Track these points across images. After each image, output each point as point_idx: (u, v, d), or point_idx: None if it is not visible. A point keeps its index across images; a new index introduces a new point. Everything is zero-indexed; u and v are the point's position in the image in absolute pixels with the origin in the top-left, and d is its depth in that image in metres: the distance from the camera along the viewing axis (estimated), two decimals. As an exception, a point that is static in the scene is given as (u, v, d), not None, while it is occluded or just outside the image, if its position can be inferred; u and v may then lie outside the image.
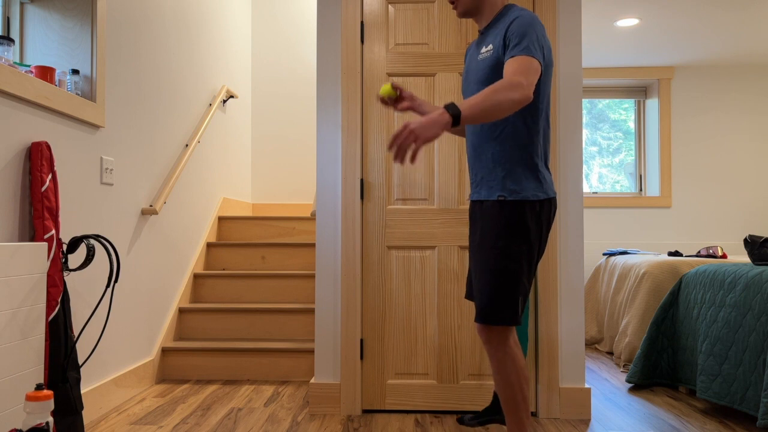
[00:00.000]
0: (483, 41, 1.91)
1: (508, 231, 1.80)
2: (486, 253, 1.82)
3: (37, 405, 1.72)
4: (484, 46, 1.89)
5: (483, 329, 1.85)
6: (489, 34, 1.89)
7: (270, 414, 2.61)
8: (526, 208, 1.80)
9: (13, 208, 2.04)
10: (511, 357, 1.83)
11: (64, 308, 2.10)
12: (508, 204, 1.81)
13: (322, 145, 2.68)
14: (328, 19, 2.69)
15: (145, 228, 3.05)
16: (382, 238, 2.66)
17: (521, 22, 1.77)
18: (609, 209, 5.08)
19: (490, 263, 1.81)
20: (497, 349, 1.83)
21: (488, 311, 1.80)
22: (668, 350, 3.03)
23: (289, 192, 5.07)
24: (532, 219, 1.81)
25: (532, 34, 1.74)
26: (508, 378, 1.83)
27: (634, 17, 4.02)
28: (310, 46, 5.09)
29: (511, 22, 1.80)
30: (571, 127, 2.62)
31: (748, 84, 5.10)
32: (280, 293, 3.71)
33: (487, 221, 1.84)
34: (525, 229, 1.80)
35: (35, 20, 2.50)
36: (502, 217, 1.81)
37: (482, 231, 1.85)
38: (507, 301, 1.79)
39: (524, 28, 1.75)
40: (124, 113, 2.82)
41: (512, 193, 1.81)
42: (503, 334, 1.83)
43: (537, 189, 1.82)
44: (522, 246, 1.80)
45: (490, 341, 1.83)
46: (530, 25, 1.76)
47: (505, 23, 1.82)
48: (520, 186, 1.81)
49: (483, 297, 1.82)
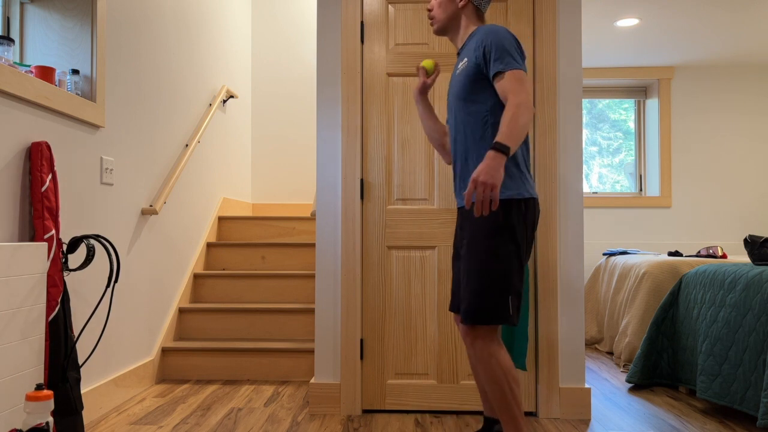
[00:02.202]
0: (460, 59, 2.00)
1: (497, 230, 1.83)
2: (475, 254, 1.85)
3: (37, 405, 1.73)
4: (460, 62, 1.97)
5: (468, 331, 1.86)
6: (464, 51, 1.98)
7: (270, 414, 2.61)
8: (513, 207, 1.85)
9: (13, 208, 2.04)
10: (496, 358, 1.83)
11: (64, 308, 2.10)
12: (510, 202, 1.84)
13: (322, 145, 2.68)
14: (328, 19, 2.69)
15: (145, 228, 3.05)
16: (382, 238, 2.66)
17: (496, 36, 1.85)
18: (609, 209, 5.08)
19: (479, 263, 1.83)
20: (482, 351, 1.83)
21: (476, 312, 1.82)
22: (668, 350, 3.03)
23: (289, 192, 5.07)
24: (519, 218, 1.85)
25: (510, 46, 1.83)
26: (496, 379, 1.83)
27: (634, 17, 4.02)
28: (310, 46, 5.09)
29: (484, 35, 1.88)
30: (571, 127, 2.62)
31: (748, 84, 5.10)
32: (280, 293, 3.71)
33: (474, 222, 1.87)
34: (512, 228, 1.84)
35: (35, 20, 2.50)
36: (490, 216, 1.84)
37: (471, 232, 1.88)
38: (495, 301, 1.81)
39: (501, 41, 1.83)
40: (124, 113, 2.82)
41: (514, 192, 1.85)
42: (488, 336, 1.84)
43: (521, 188, 1.87)
44: (510, 245, 1.83)
45: (475, 344, 1.84)
46: (506, 37, 1.85)
47: (479, 38, 1.90)
48: (505, 185, 1.86)
49: (472, 297, 1.83)
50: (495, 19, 2.66)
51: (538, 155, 2.61)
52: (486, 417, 2.16)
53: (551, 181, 2.61)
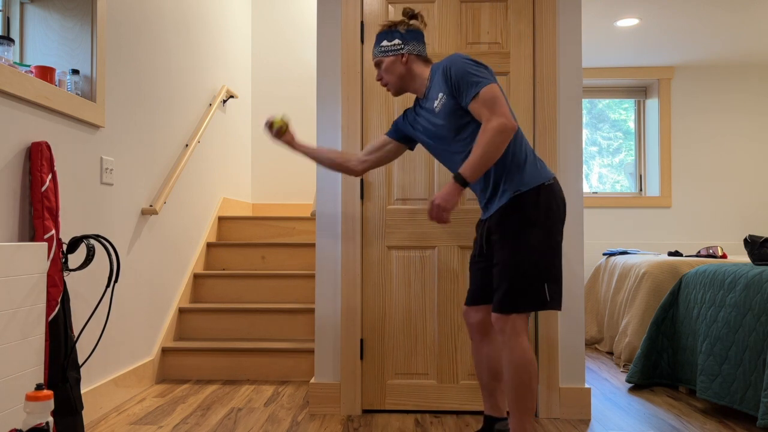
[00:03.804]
0: (428, 99, 2.04)
1: (525, 222, 1.88)
2: (506, 252, 1.89)
3: (37, 405, 1.72)
4: (434, 100, 2.00)
5: (498, 318, 1.89)
6: (432, 90, 2.02)
7: (270, 414, 2.61)
8: (533, 195, 1.89)
9: (13, 208, 2.04)
10: (522, 347, 1.87)
11: (64, 308, 2.10)
12: (524, 195, 1.89)
13: (322, 144, 2.68)
14: (327, 19, 2.69)
15: (145, 228, 3.05)
16: (382, 238, 2.66)
17: (454, 65, 1.92)
18: (609, 209, 5.08)
19: (511, 257, 1.88)
20: (511, 338, 1.88)
21: (511, 298, 1.87)
22: (668, 350, 3.03)
23: (289, 192, 5.07)
24: (545, 203, 1.90)
25: (471, 68, 1.89)
26: (518, 368, 1.87)
27: (634, 17, 4.02)
28: (310, 46, 5.09)
29: (445, 70, 1.94)
30: (571, 127, 2.63)
31: (748, 84, 5.10)
32: (280, 293, 3.71)
33: (507, 219, 1.91)
34: (538, 216, 1.88)
35: (35, 20, 2.50)
36: (518, 209, 1.89)
37: (499, 235, 1.92)
38: (530, 287, 1.86)
39: (462, 68, 1.90)
40: (124, 113, 2.82)
41: (524, 185, 1.90)
42: (518, 325, 1.88)
43: (541, 174, 1.92)
44: (537, 234, 1.87)
45: (504, 330, 1.89)
46: (464, 62, 1.91)
47: (440, 75, 1.96)
48: (528, 178, 1.91)
49: (508, 286, 1.87)
50: (495, 18, 2.66)
51: (538, 155, 2.61)
52: (486, 416, 2.16)
53: (551, 181, 2.61)
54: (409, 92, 2.13)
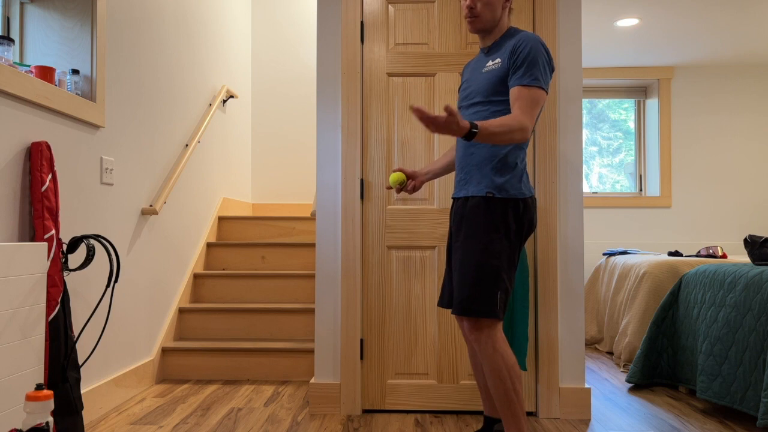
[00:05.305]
0: (489, 56, 1.99)
1: (493, 227, 1.87)
2: (469, 248, 1.88)
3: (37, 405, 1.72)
4: (491, 60, 1.96)
5: (470, 328, 1.88)
6: (495, 51, 1.97)
7: (270, 414, 2.61)
8: (510, 207, 1.89)
9: (13, 208, 2.04)
10: (500, 353, 1.85)
11: (64, 308, 2.10)
12: (494, 201, 1.89)
13: (322, 145, 2.68)
14: (328, 19, 2.69)
15: (145, 228, 3.05)
16: (382, 238, 2.66)
17: (530, 46, 1.86)
18: (609, 209, 5.08)
19: (474, 257, 1.87)
20: (486, 345, 1.86)
21: (467, 302, 1.85)
22: (668, 350, 3.03)
23: (289, 192, 5.07)
24: (516, 217, 1.89)
25: (542, 59, 1.85)
26: (499, 374, 1.85)
27: (634, 17, 4.02)
28: (310, 46, 5.09)
29: (522, 43, 1.87)
30: (571, 127, 2.62)
31: (748, 84, 5.10)
32: (280, 293, 3.71)
33: (472, 217, 1.90)
34: (507, 227, 1.88)
35: (35, 20, 2.50)
36: (488, 213, 1.88)
37: (467, 226, 1.91)
38: (486, 294, 1.84)
39: (534, 53, 1.84)
40: (124, 113, 2.82)
41: (500, 191, 1.89)
42: (490, 330, 1.86)
43: (521, 188, 1.91)
44: (504, 242, 1.87)
45: (479, 339, 1.87)
46: (539, 50, 1.86)
47: (512, 43, 1.90)
48: (507, 184, 1.90)
49: (464, 289, 1.87)
50: (495, 19, 2.65)
51: (538, 155, 2.61)
52: (486, 416, 2.16)
53: (551, 181, 2.61)
54: (482, 35, 2.01)
